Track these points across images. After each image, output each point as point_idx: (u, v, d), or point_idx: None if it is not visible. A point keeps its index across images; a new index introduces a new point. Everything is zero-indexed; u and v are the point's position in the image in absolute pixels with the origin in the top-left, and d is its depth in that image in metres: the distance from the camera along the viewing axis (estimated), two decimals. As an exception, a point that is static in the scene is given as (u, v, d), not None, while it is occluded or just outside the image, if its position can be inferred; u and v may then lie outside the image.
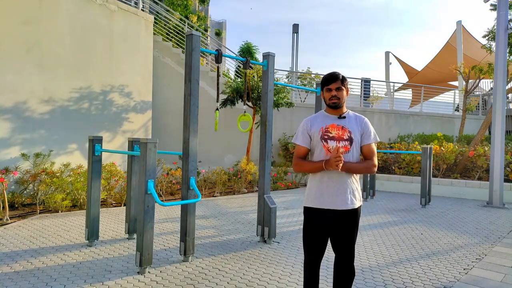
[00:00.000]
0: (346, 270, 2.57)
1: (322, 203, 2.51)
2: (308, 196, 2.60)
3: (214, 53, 4.40)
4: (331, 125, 2.55)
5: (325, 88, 2.57)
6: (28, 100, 6.94)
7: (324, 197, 2.51)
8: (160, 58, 10.75)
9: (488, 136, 12.48)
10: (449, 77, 22.59)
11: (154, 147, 3.66)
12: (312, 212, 2.56)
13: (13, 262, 3.85)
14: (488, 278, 3.74)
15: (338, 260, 2.59)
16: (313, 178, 2.58)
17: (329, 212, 2.51)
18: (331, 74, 2.56)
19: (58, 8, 7.31)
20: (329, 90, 2.54)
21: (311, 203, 2.56)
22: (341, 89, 2.53)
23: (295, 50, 21.25)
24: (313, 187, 2.57)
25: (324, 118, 2.60)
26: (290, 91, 11.01)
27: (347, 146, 2.50)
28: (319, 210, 2.52)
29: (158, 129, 10.27)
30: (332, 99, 2.53)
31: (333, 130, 2.54)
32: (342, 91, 2.54)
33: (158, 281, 3.47)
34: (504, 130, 8.10)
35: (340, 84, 2.53)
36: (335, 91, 2.53)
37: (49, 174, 6.64)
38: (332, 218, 2.51)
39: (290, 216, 6.46)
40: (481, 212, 7.24)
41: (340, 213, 2.50)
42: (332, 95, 2.53)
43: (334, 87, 2.53)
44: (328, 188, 2.50)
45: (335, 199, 2.48)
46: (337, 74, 2.55)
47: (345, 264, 2.56)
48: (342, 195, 2.49)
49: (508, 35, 8.53)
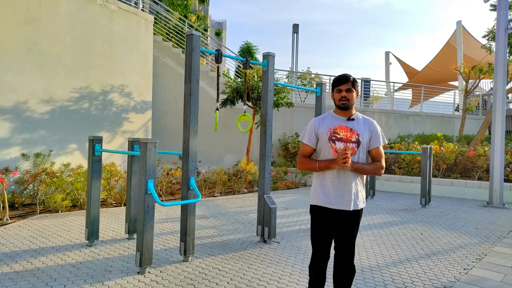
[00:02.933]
0: (347, 267, 2.60)
1: (328, 203, 2.55)
2: (314, 195, 2.63)
3: (214, 53, 4.40)
4: (340, 127, 2.58)
5: (335, 89, 2.60)
6: (28, 100, 6.94)
7: (330, 197, 2.54)
8: (160, 58, 10.75)
9: (488, 136, 12.47)
10: (449, 77, 22.60)
11: (154, 147, 3.66)
12: (319, 210, 2.59)
13: (13, 262, 3.85)
14: (488, 278, 3.74)
15: (338, 257, 2.62)
16: (318, 177, 2.62)
17: (334, 212, 2.55)
18: (342, 75, 2.60)
19: (58, 8, 7.30)
20: (339, 91, 2.58)
21: (317, 201, 2.59)
22: (351, 90, 2.56)
23: (295, 50, 21.24)
24: (318, 187, 2.61)
25: (333, 119, 2.63)
26: (290, 91, 11.00)
27: (354, 148, 2.54)
28: (325, 209, 2.56)
29: (158, 129, 10.27)
30: (342, 100, 2.56)
31: (341, 132, 2.57)
32: (352, 93, 2.57)
33: (158, 281, 3.47)
34: (504, 130, 8.10)
35: (350, 85, 2.56)
36: (345, 92, 2.55)
37: (49, 174, 6.64)
38: (335, 218, 2.56)
39: (290, 216, 6.46)
40: (481, 212, 7.24)
41: (344, 214, 2.55)
42: (342, 96, 2.56)
43: (344, 88, 2.56)
44: (334, 188, 2.53)
45: (339, 200, 2.52)
46: (348, 76, 2.58)
47: (345, 261, 2.60)
48: (346, 196, 2.52)
49: (508, 35, 8.53)
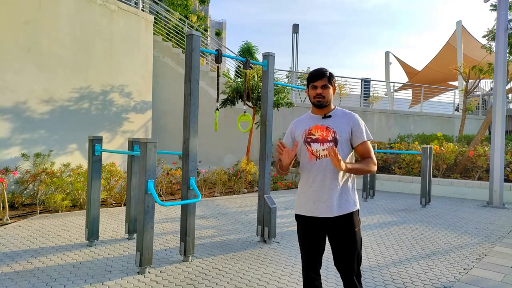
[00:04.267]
0: (347, 285, 2.32)
1: (309, 211, 2.32)
2: (296, 203, 2.43)
3: (214, 53, 4.40)
4: (315, 126, 2.35)
5: (311, 85, 2.35)
6: (28, 100, 6.94)
7: (310, 203, 2.32)
8: (160, 58, 10.75)
9: (488, 136, 12.48)
10: (449, 77, 22.60)
11: (154, 147, 3.66)
12: (301, 220, 2.39)
13: (13, 262, 3.85)
14: (488, 278, 3.74)
15: (340, 272, 2.35)
16: (300, 183, 2.42)
17: (319, 220, 2.31)
18: (317, 70, 2.34)
19: (58, 8, 7.31)
20: (314, 88, 2.33)
21: (299, 210, 2.39)
22: (327, 87, 2.32)
23: (295, 50, 21.22)
24: (300, 193, 2.40)
25: (309, 120, 2.41)
26: (290, 91, 10.99)
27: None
28: (308, 218, 2.34)
29: (158, 129, 10.28)
30: (317, 97, 2.32)
31: (316, 132, 2.33)
32: (329, 89, 2.32)
33: (158, 281, 3.47)
34: (504, 130, 8.10)
35: (326, 81, 2.31)
36: (320, 88, 2.31)
37: (49, 174, 6.64)
38: (323, 227, 2.32)
39: (290, 216, 6.45)
40: (481, 212, 7.24)
41: (329, 222, 2.29)
42: (317, 93, 2.32)
43: (319, 85, 2.31)
44: (313, 193, 2.30)
45: (319, 205, 2.28)
46: (324, 71, 2.33)
47: (344, 277, 2.31)
48: (327, 201, 2.27)
49: (508, 35, 8.53)
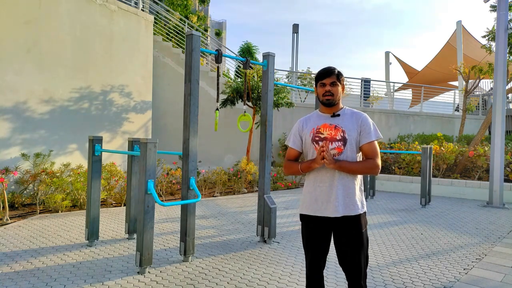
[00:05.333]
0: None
1: (315, 210, 2.30)
2: (302, 202, 2.40)
3: (214, 53, 4.40)
4: (323, 125, 2.33)
5: (319, 83, 2.34)
6: (28, 100, 6.94)
7: (318, 203, 2.29)
8: (160, 58, 10.75)
9: (488, 136, 12.47)
10: (449, 77, 22.60)
11: (154, 147, 3.66)
12: (307, 220, 2.37)
13: (13, 262, 3.85)
14: (488, 278, 3.74)
15: (346, 275, 2.33)
16: (307, 183, 2.39)
17: (324, 220, 2.29)
18: (325, 68, 2.34)
19: (58, 8, 7.30)
20: (323, 85, 2.32)
21: (305, 210, 2.37)
22: (336, 84, 2.30)
23: (295, 50, 21.22)
24: (307, 193, 2.37)
25: (317, 118, 2.39)
26: (290, 91, 11.00)
27: (340, 147, 2.26)
28: (313, 218, 2.32)
29: (158, 129, 10.27)
30: (326, 95, 2.30)
31: (325, 131, 2.31)
32: (337, 87, 2.31)
33: (158, 281, 3.47)
34: (504, 130, 8.10)
35: (335, 79, 2.30)
36: (329, 86, 2.30)
37: (49, 174, 6.64)
38: (329, 227, 2.31)
39: (290, 216, 6.45)
40: (481, 212, 7.24)
41: (336, 222, 2.28)
42: (326, 90, 2.30)
43: (328, 82, 2.30)
44: (321, 193, 2.28)
45: (327, 205, 2.26)
46: (333, 69, 2.33)
47: (350, 280, 2.29)
48: (334, 201, 2.25)
49: (508, 35, 8.53)
